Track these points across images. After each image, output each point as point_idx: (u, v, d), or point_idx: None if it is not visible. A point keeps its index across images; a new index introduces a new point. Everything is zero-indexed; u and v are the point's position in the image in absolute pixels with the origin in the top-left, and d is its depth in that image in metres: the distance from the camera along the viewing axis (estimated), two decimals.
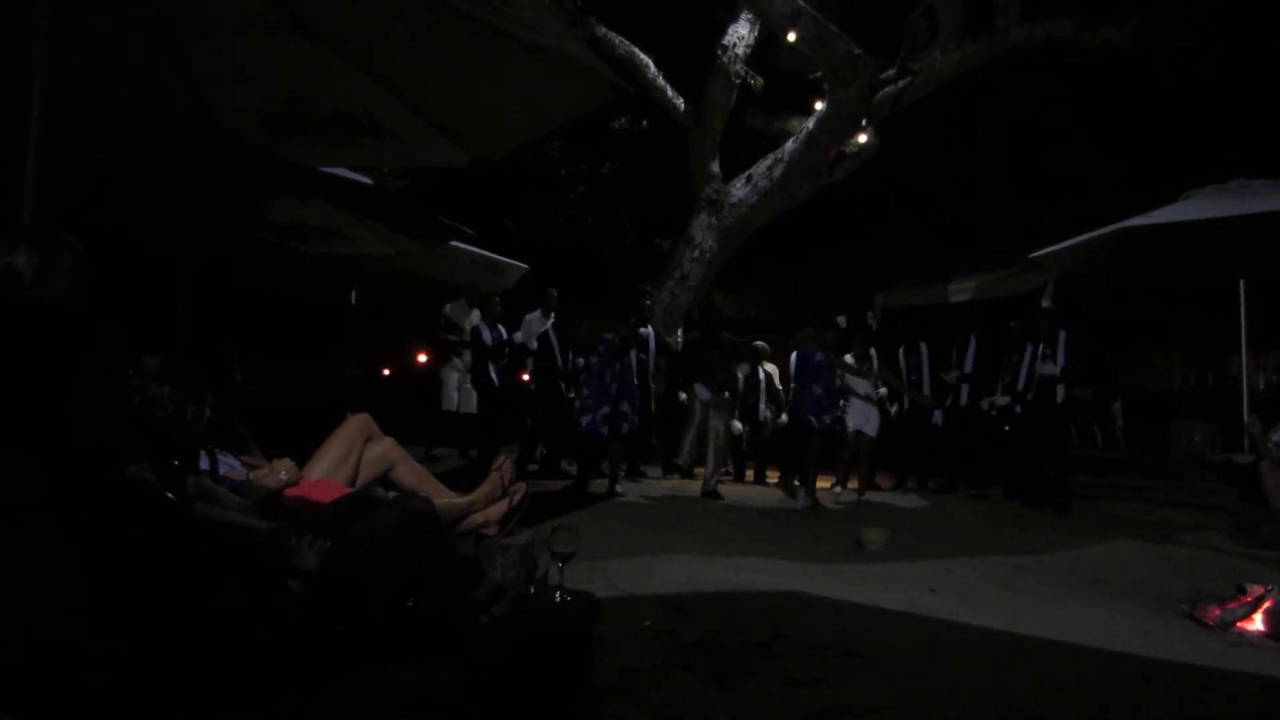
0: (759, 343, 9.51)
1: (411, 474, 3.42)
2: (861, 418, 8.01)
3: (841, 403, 7.82)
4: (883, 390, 8.54)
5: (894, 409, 8.87)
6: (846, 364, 7.94)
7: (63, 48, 3.02)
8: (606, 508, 6.72)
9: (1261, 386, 11.59)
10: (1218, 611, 3.91)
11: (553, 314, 8.83)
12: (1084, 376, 7.64)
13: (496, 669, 2.28)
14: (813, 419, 7.38)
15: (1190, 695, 3.04)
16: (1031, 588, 4.56)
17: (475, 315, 9.88)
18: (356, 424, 3.46)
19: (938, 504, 7.95)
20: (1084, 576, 4.89)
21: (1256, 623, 3.79)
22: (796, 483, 7.58)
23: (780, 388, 9.21)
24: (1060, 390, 7.50)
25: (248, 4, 3.51)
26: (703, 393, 8.19)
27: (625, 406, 7.49)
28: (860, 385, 8.05)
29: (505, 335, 8.50)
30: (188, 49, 3.83)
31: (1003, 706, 2.80)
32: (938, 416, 8.78)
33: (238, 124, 4.19)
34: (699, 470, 9.51)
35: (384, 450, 3.40)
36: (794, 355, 7.78)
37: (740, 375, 9.17)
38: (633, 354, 7.72)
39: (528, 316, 9.03)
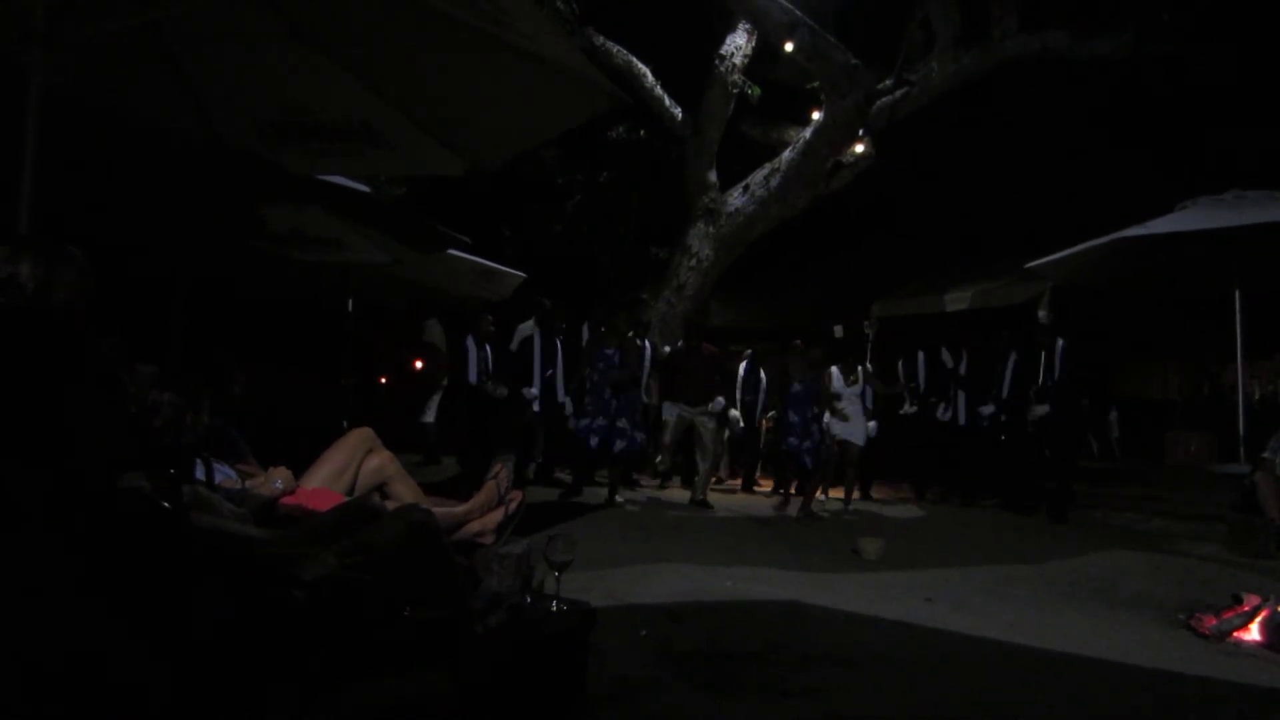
0: (746, 350, 9.53)
1: (406, 488, 3.43)
2: (846, 428, 7.98)
3: (826, 421, 7.88)
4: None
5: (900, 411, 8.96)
6: (829, 391, 7.96)
7: (60, 56, 3.02)
8: (603, 516, 6.71)
9: (1257, 396, 11.61)
10: (1214, 621, 3.91)
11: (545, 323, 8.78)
12: (1081, 386, 7.66)
13: (492, 678, 2.28)
14: (793, 440, 7.51)
15: (1186, 705, 3.04)
16: (1028, 597, 4.56)
17: (435, 326, 9.85)
18: (359, 436, 3.47)
19: (935, 514, 7.95)
20: (1080, 586, 4.89)
21: (1253, 632, 3.79)
22: (791, 493, 7.61)
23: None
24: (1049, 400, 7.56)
25: (245, 13, 3.52)
26: (669, 410, 8.15)
27: (623, 423, 7.45)
28: (846, 396, 8.04)
29: (491, 356, 8.45)
30: (186, 57, 3.84)
31: (999, 716, 2.80)
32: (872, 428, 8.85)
33: (235, 132, 4.19)
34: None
35: (381, 463, 3.41)
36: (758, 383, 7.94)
37: (740, 376, 9.20)
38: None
39: (519, 326, 9.01)
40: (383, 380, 12.65)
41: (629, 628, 3.47)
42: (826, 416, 8.02)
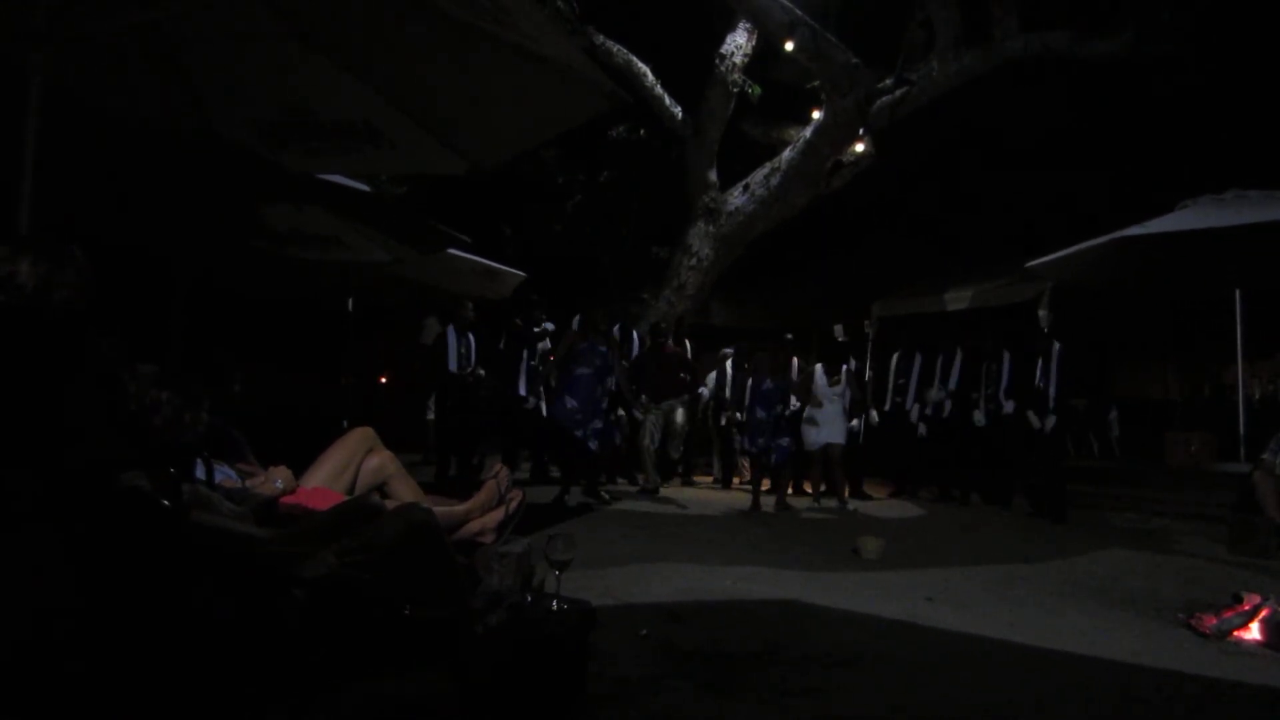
0: (726, 349, 9.52)
1: (406, 487, 3.43)
2: (829, 430, 8.05)
3: (803, 427, 8.04)
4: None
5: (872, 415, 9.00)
6: (810, 389, 8.03)
7: (61, 55, 3.03)
8: (603, 516, 6.71)
9: (1257, 396, 11.61)
10: (1214, 620, 3.91)
11: (546, 322, 8.80)
12: (1077, 388, 7.66)
13: (492, 677, 2.27)
14: (745, 440, 7.72)
15: (1187, 704, 3.04)
16: (1028, 597, 4.56)
17: (435, 325, 9.80)
18: (359, 436, 3.47)
19: (933, 513, 7.95)
20: (1080, 585, 4.89)
21: (1253, 632, 3.79)
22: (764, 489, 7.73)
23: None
24: (1050, 401, 7.54)
25: (247, 12, 3.52)
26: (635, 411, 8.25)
27: (611, 417, 7.43)
28: (827, 396, 8.08)
29: (474, 344, 8.41)
30: (186, 57, 3.85)
31: (1000, 716, 2.80)
32: (922, 429, 8.85)
33: (236, 131, 4.19)
34: (701, 479, 9.58)
35: (381, 462, 3.41)
36: (748, 381, 8.14)
37: (727, 377, 9.18)
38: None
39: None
40: (383, 380, 12.68)
41: (629, 627, 3.47)
42: (804, 421, 8.10)
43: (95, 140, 4.08)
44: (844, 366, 8.27)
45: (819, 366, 8.19)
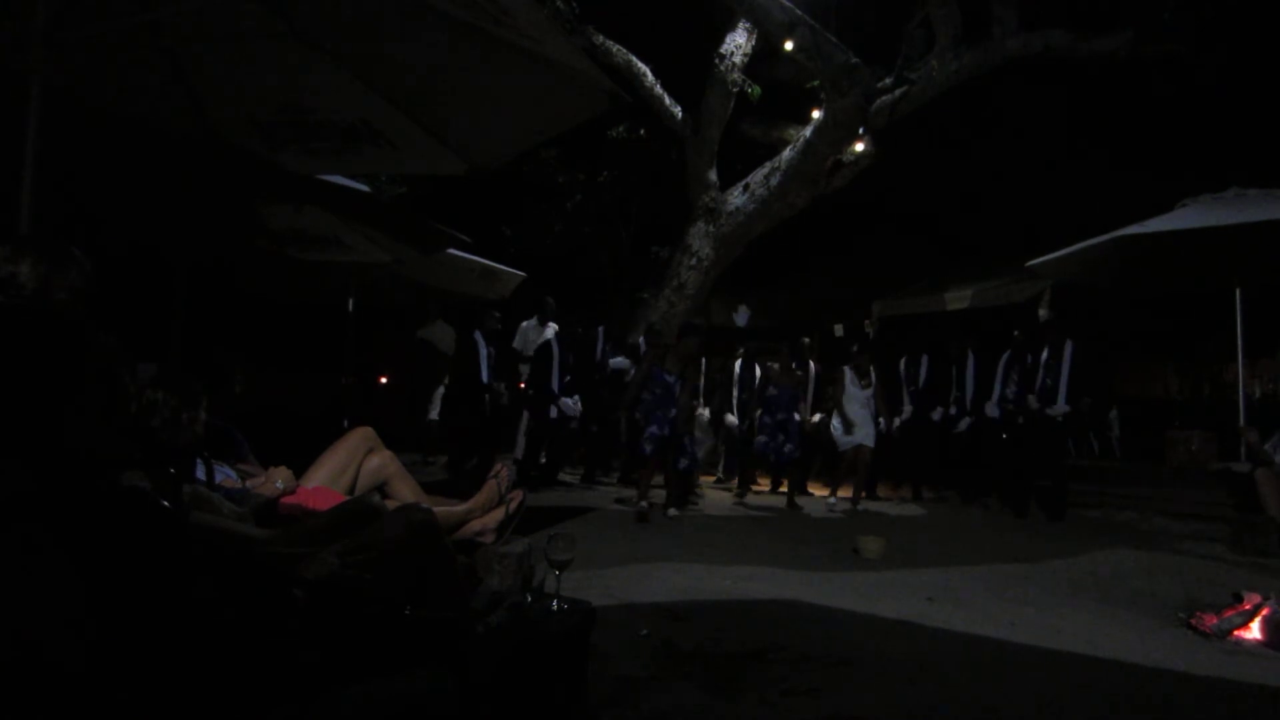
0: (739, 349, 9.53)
1: (406, 487, 3.43)
2: (861, 432, 8.11)
3: (833, 426, 8.18)
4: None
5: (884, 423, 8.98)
6: (840, 392, 8.08)
7: (61, 56, 3.03)
8: (604, 516, 6.71)
9: (1258, 395, 11.61)
10: (1215, 620, 3.91)
11: (551, 323, 8.79)
12: (1086, 387, 7.64)
13: (493, 677, 2.27)
14: (762, 439, 7.88)
15: (1187, 704, 3.03)
16: (1028, 597, 4.56)
17: (445, 329, 9.83)
18: (360, 435, 3.47)
19: (935, 513, 7.95)
20: (1081, 585, 4.89)
21: (1254, 631, 3.79)
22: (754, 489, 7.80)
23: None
24: (1061, 399, 7.51)
25: (246, 12, 3.52)
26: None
27: (685, 441, 7.10)
28: (858, 398, 8.10)
29: (495, 353, 8.43)
30: (186, 57, 3.85)
31: (999, 716, 2.79)
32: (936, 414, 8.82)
33: (235, 131, 4.20)
34: (702, 479, 9.56)
35: (382, 462, 3.41)
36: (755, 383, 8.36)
37: (734, 375, 9.18)
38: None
39: (523, 324, 9.02)
40: (383, 380, 12.68)
41: (629, 627, 3.47)
42: (833, 422, 8.12)
43: (95, 140, 4.08)
44: (872, 369, 8.30)
45: (847, 368, 8.21)
